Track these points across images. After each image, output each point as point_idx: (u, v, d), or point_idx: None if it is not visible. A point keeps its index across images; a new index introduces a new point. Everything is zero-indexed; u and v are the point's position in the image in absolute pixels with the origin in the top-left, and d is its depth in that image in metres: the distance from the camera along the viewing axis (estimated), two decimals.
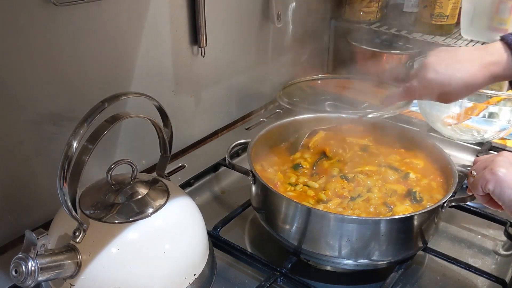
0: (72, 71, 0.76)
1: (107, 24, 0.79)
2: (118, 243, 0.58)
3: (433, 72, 0.73)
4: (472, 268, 0.70)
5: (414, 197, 0.73)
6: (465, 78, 0.71)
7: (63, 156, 0.52)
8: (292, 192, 0.75)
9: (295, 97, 1.20)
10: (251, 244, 0.80)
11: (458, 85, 0.71)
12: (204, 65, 1.01)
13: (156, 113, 0.65)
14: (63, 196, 0.54)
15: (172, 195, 0.65)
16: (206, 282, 0.67)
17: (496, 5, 1.22)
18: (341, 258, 0.67)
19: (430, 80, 0.73)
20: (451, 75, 0.71)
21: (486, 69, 0.71)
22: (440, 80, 0.72)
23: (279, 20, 1.16)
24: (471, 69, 0.71)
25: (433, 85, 0.73)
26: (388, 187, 0.75)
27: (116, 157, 0.85)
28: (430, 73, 0.73)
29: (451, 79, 0.71)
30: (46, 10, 0.69)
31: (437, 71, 0.72)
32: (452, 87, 0.72)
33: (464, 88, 0.72)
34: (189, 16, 0.94)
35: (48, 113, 0.74)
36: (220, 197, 0.93)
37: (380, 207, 0.71)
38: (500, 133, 1.05)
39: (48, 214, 0.76)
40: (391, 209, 0.70)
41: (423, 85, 0.74)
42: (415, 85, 0.75)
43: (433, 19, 1.30)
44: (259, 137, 0.82)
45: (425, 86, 0.74)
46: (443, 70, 0.72)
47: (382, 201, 0.72)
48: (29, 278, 0.51)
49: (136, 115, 0.60)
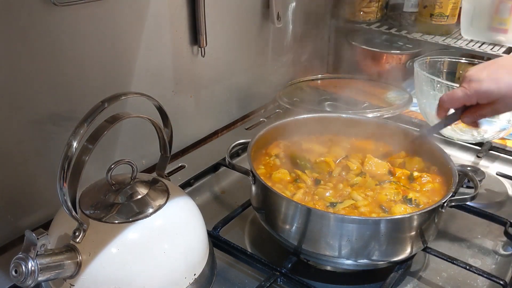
0: (72, 71, 0.76)
1: (107, 24, 0.79)
2: (118, 243, 0.58)
3: (476, 83, 0.71)
4: (472, 268, 0.70)
5: (410, 202, 0.73)
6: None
7: (63, 156, 0.52)
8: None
9: (295, 97, 1.20)
10: (251, 244, 0.80)
11: (508, 88, 0.69)
12: (204, 65, 1.01)
13: (156, 113, 0.65)
14: (63, 196, 0.54)
15: (172, 195, 0.65)
16: (206, 282, 0.67)
17: (496, 5, 1.23)
18: (341, 258, 0.67)
19: (476, 90, 0.71)
20: (496, 79, 0.70)
21: None
22: (485, 87, 0.70)
23: (279, 20, 1.16)
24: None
25: (480, 94, 0.71)
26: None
27: (116, 157, 0.85)
28: (473, 83, 0.71)
29: (498, 83, 0.69)
30: (46, 10, 0.69)
31: (479, 80, 0.71)
32: (502, 92, 0.69)
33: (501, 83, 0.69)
34: (189, 16, 0.94)
35: (48, 113, 0.74)
36: (220, 197, 0.93)
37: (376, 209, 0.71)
38: (500, 133, 1.05)
39: (48, 214, 0.76)
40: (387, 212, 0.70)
41: (470, 96, 0.71)
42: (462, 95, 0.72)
43: (433, 19, 1.30)
44: (259, 137, 0.82)
45: (470, 96, 0.71)
46: (485, 76, 0.71)
47: (378, 205, 0.72)
48: (29, 278, 0.51)
49: (136, 115, 0.60)
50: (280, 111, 1.23)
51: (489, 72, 0.72)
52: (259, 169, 0.80)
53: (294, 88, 1.27)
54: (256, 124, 1.18)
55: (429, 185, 0.77)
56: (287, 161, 0.82)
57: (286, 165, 0.81)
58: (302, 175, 0.77)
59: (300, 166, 0.79)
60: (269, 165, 0.81)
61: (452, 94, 0.74)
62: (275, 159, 0.82)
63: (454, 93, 0.74)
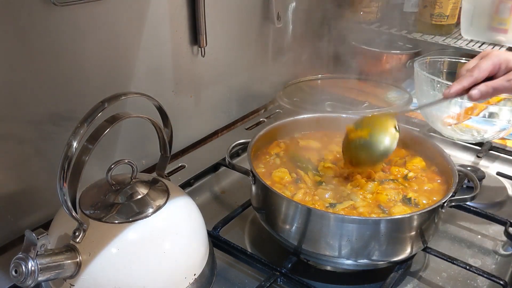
0: (72, 71, 0.76)
1: (107, 24, 0.79)
2: (118, 243, 0.58)
3: (500, 51, 0.71)
4: (472, 268, 0.70)
5: (409, 202, 0.73)
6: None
7: (63, 156, 0.52)
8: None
9: (295, 97, 1.20)
10: (251, 244, 0.80)
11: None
12: (204, 65, 1.01)
13: (156, 113, 0.65)
14: (63, 196, 0.54)
15: (172, 195, 0.65)
16: (206, 282, 0.67)
17: (496, 5, 1.23)
18: (341, 258, 0.67)
19: (498, 54, 0.71)
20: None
21: None
22: (509, 54, 0.70)
23: (279, 20, 1.16)
24: None
25: (502, 58, 0.71)
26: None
27: (116, 157, 0.85)
28: (497, 51, 0.71)
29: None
30: (46, 10, 0.69)
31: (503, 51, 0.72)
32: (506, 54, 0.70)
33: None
34: (189, 16, 0.94)
35: (48, 113, 0.74)
36: (220, 197, 0.93)
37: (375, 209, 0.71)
38: (500, 133, 1.05)
39: (48, 214, 0.76)
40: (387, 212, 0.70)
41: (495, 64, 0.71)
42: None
43: (433, 19, 1.30)
44: (259, 137, 0.82)
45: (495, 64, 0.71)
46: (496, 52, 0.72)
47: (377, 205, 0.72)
48: (29, 278, 0.51)
49: (136, 115, 0.60)
50: (280, 111, 1.23)
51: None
52: (258, 168, 0.80)
53: (294, 88, 1.27)
54: (256, 124, 1.18)
55: (429, 185, 0.77)
56: (287, 161, 0.82)
57: (286, 165, 0.81)
58: (304, 176, 0.77)
59: (303, 168, 0.79)
60: (269, 164, 0.81)
61: (481, 66, 0.71)
62: (275, 158, 0.82)
63: (480, 64, 0.71)
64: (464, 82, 0.72)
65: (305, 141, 0.88)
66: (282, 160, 0.82)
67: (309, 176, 0.77)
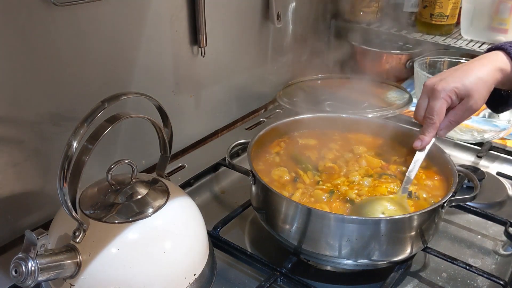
0: (72, 71, 0.76)
1: (107, 24, 0.79)
2: (118, 243, 0.58)
3: (443, 82, 0.73)
4: (472, 268, 0.70)
5: (410, 195, 0.73)
6: (480, 75, 0.72)
7: (63, 156, 0.52)
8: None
9: (295, 97, 1.20)
10: (251, 244, 0.80)
11: (474, 81, 0.71)
12: (204, 65, 1.01)
13: (156, 113, 0.65)
14: (63, 196, 0.54)
15: (172, 195, 0.65)
16: (206, 282, 0.67)
17: (496, 5, 1.23)
18: (341, 258, 0.67)
19: (444, 88, 0.72)
20: (463, 75, 0.72)
21: (496, 72, 0.72)
22: (452, 84, 0.72)
23: (279, 20, 1.16)
24: (483, 69, 0.72)
25: (432, 89, 0.73)
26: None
27: (116, 157, 0.85)
28: (439, 85, 0.73)
29: (467, 76, 0.72)
30: (46, 10, 0.69)
31: (447, 79, 0.73)
32: (468, 85, 0.71)
33: (482, 83, 0.71)
34: (189, 16, 0.94)
35: (48, 113, 0.74)
36: (220, 197, 0.93)
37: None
38: (500, 133, 1.05)
39: (48, 214, 0.76)
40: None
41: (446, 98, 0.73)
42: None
43: (433, 19, 1.30)
44: (259, 137, 0.82)
45: (446, 98, 0.73)
46: (450, 76, 0.73)
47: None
48: (29, 278, 0.51)
49: (136, 115, 0.60)
50: (280, 111, 1.23)
51: (448, 74, 0.74)
52: (258, 165, 0.80)
53: (294, 88, 1.26)
54: (256, 124, 1.18)
55: (428, 182, 0.77)
56: (287, 159, 0.82)
57: (286, 163, 0.81)
58: (303, 175, 0.77)
59: (303, 168, 0.79)
60: (268, 162, 0.81)
61: (436, 109, 0.74)
62: (275, 156, 0.82)
63: (434, 106, 0.74)
64: (431, 132, 0.76)
65: (304, 140, 0.88)
66: (282, 159, 0.82)
67: (308, 176, 0.77)
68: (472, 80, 0.72)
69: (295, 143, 0.87)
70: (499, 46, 0.75)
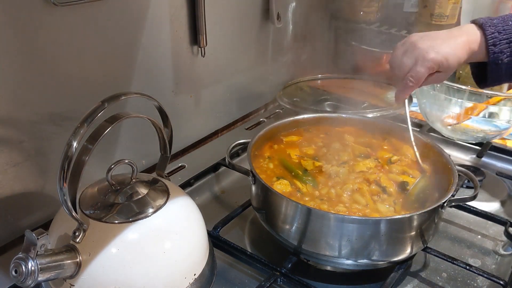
0: (72, 71, 0.76)
1: (107, 24, 0.79)
2: (118, 243, 0.58)
3: (435, 51, 0.72)
4: (472, 268, 0.70)
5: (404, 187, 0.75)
6: (460, 54, 0.72)
7: (63, 156, 0.52)
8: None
9: (295, 97, 1.20)
10: (251, 244, 0.80)
11: (446, 51, 0.71)
12: (204, 65, 1.01)
13: (156, 113, 0.65)
14: (63, 196, 0.54)
15: (172, 195, 0.65)
16: (206, 282, 0.67)
17: (496, 5, 1.23)
18: (341, 258, 0.67)
19: (434, 59, 0.72)
20: (450, 49, 0.72)
21: (468, 46, 0.72)
22: (443, 52, 0.71)
23: (279, 20, 1.16)
24: (456, 41, 0.72)
25: (423, 54, 0.72)
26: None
27: (116, 157, 0.85)
28: (433, 52, 0.72)
29: (454, 50, 0.71)
30: (46, 10, 0.69)
31: (437, 49, 0.72)
32: (451, 60, 0.71)
33: (457, 59, 0.71)
34: (189, 16, 0.94)
35: (48, 113, 0.74)
36: (220, 197, 0.93)
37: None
38: (500, 133, 1.05)
39: (48, 214, 0.76)
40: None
41: (413, 59, 0.73)
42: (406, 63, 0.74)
43: (433, 19, 1.30)
44: (259, 137, 0.82)
45: (415, 57, 0.72)
46: (427, 43, 0.72)
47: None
48: (29, 278, 0.51)
49: (136, 115, 0.60)
50: (280, 111, 1.23)
51: (437, 41, 0.73)
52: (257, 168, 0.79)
53: (294, 88, 1.27)
54: (256, 124, 1.18)
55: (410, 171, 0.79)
56: (279, 164, 0.81)
57: (278, 168, 0.80)
58: (302, 187, 0.76)
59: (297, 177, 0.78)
60: (263, 169, 0.80)
61: (420, 75, 0.73)
62: (268, 162, 0.81)
63: (419, 72, 0.73)
64: (408, 93, 0.76)
65: (288, 138, 0.88)
66: (274, 163, 0.81)
67: (307, 188, 0.76)
68: (455, 57, 0.72)
69: (280, 144, 0.86)
70: (479, 22, 0.74)
